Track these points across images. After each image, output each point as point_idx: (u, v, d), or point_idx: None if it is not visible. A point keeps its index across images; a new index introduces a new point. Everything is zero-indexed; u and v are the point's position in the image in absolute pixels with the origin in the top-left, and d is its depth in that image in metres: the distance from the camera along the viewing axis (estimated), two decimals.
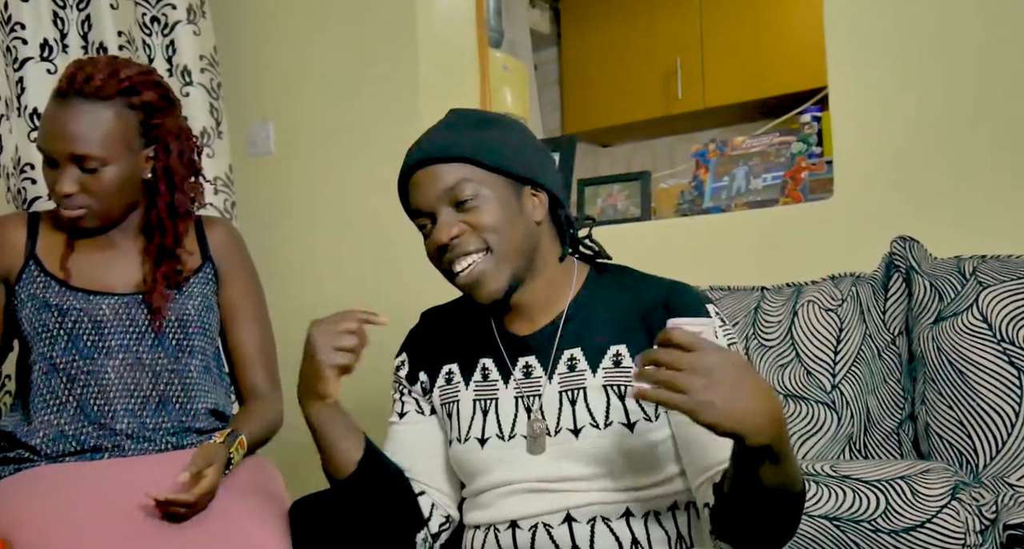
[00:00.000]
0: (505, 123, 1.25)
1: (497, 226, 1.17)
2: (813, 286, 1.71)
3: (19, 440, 1.49)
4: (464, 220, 1.17)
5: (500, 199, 1.18)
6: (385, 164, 2.52)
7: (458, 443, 1.25)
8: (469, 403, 1.26)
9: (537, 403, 1.21)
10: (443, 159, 1.18)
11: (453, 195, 1.17)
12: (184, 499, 1.34)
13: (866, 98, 1.90)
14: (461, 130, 1.21)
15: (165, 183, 1.54)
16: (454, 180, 1.17)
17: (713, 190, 2.19)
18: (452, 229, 1.17)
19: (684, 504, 1.20)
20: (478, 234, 1.17)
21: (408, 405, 1.33)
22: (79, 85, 1.44)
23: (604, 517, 1.16)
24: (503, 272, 1.18)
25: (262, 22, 2.71)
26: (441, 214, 1.18)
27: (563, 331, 1.22)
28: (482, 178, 1.17)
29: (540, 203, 1.22)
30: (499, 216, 1.17)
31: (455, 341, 1.30)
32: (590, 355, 1.20)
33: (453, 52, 2.62)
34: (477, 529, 1.25)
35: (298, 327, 2.58)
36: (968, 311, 1.50)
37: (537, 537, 1.17)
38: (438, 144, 1.19)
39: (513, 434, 1.21)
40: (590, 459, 1.17)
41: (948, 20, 1.82)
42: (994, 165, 1.77)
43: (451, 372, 1.29)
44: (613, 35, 4.13)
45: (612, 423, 1.17)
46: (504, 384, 1.24)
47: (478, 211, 1.17)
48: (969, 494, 1.24)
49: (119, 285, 1.54)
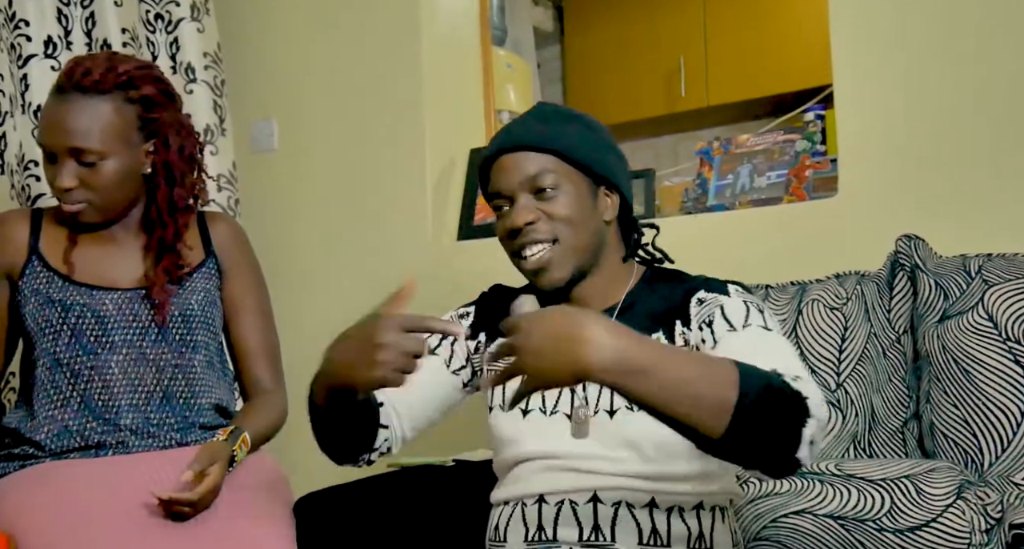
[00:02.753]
0: (590, 122, 1.30)
1: (570, 218, 1.23)
2: (818, 284, 1.71)
3: (24, 436, 1.49)
4: (541, 208, 1.23)
5: (577, 193, 1.24)
6: (388, 161, 2.53)
7: (501, 411, 1.30)
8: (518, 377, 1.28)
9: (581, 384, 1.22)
10: (531, 147, 1.24)
11: (535, 183, 1.23)
12: (188, 498, 1.34)
13: (870, 96, 1.89)
14: (550, 122, 1.26)
15: (164, 177, 1.54)
16: (538, 169, 1.23)
17: (717, 188, 2.18)
18: (529, 215, 1.23)
19: (711, 506, 1.22)
20: (551, 224, 1.23)
21: (443, 350, 1.36)
22: (77, 79, 1.45)
23: (629, 503, 1.19)
24: (568, 263, 1.24)
25: (266, 19, 2.70)
26: (520, 199, 1.24)
27: (615, 319, 1.25)
28: (564, 171, 1.24)
29: (612, 204, 1.28)
30: (573, 209, 1.23)
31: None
32: None
33: (456, 50, 2.62)
34: (505, 505, 1.28)
35: (301, 323, 2.59)
36: (973, 310, 1.50)
37: (562, 512, 1.20)
38: (529, 133, 1.25)
39: (556, 410, 1.25)
40: (622, 441, 1.20)
41: (952, 18, 1.82)
42: (999, 163, 1.77)
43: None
44: (616, 33, 4.12)
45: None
46: None
47: (555, 201, 1.23)
48: (974, 493, 1.24)
49: (122, 280, 1.54)
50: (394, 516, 1.52)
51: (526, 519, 1.23)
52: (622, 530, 1.18)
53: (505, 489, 1.28)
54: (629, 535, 1.18)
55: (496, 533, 1.27)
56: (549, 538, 1.21)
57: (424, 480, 1.71)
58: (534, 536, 1.22)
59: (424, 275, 2.43)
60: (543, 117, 1.29)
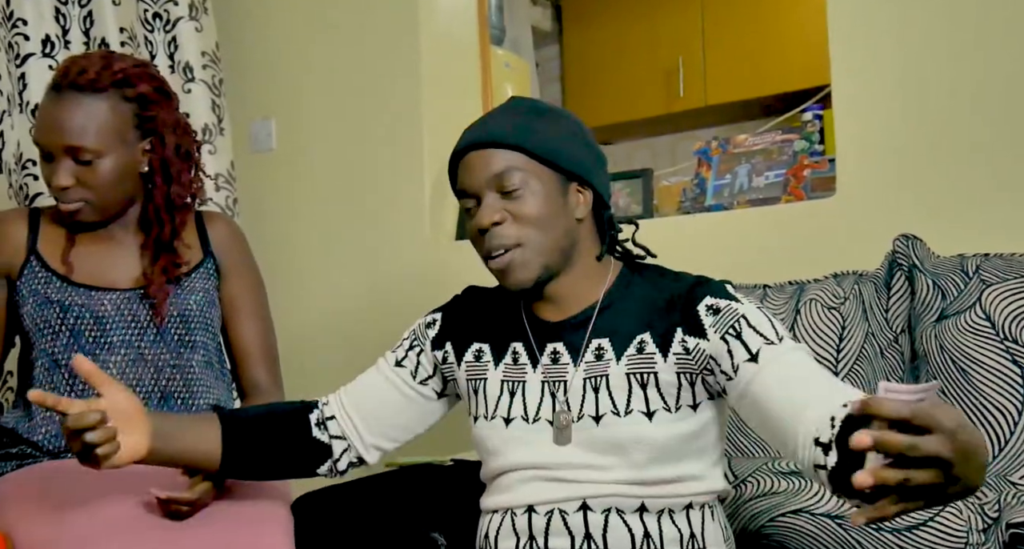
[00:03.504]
0: (562, 116, 1.26)
1: (538, 218, 1.19)
2: (816, 284, 1.71)
3: (21, 436, 1.49)
4: (507, 208, 1.19)
5: (545, 191, 1.20)
6: (386, 161, 2.53)
7: (484, 420, 1.27)
8: (497, 383, 1.27)
9: (562, 389, 1.22)
10: (496, 144, 1.20)
11: (500, 182, 1.19)
12: (186, 497, 1.33)
13: (868, 96, 1.89)
14: (518, 118, 1.22)
15: (161, 176, 1.53)
16: (504, 166, 1.19)
17: (715, 188, 2.18)
18: (495, 215, 1.19)
19: (700, 505, 1.21)
20: (518, 224, 1.19)
21: (409, 362, 1.35)
22: (73, 78, 1.44)
23: (619, 509, 1.17)
24: (535, 264, 1.20)
25: (264, 19, 2.70)
26: (486, 198, 1.20)
27: (595, 322, 1.23)
28: (531, 168, 1.19)
29: (584, 201, 1.23)
30: (541, 209, 1.19)
31: (488, 322, 1.32)
32: (617, 345, 1.21)
33: (455, 49, 2.62)
34: (495, 513, 1.26)
35: (300, 323, 2.59)
36: (971, 309, 1.50)
37: (552, 522, 1.19)
38: (494, 129, 1.21)
39: (538, 418, 1.23)
40: (609, 446, 1.18)
41: (950, 18, 1.82)
42: (997, 163, 1.77)
43: (481, 350, 1.30)
44: (615, 32, 4.12)
45: (632, 411, 1.18)
46: (532, 369, 1.25)
47: (522, 201, 1.19)
48: None
49: (120, 280, 1.54)
50: (392, 516, 1.52)
51: (516, 529, 1.22)
52: (614, 537, 1.17)
53: (493, 498, 1.26)
54: (621, 541, 1.17)
55: (487, 541, 1.26)
56: (541, 548, 1.19)
57: (422, 480, 1.71)
58: (526, 545, 1.20)
59: (422, 275, 2.44)
60: (512, 112, 1.24)
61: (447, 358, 1.33)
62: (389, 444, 1.36)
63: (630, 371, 1.20)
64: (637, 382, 1.19)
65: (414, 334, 1.37)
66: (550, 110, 1.26)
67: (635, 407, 1.18)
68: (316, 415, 1.34)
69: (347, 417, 1.34)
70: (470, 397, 1.31)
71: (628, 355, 1.20)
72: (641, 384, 1.19)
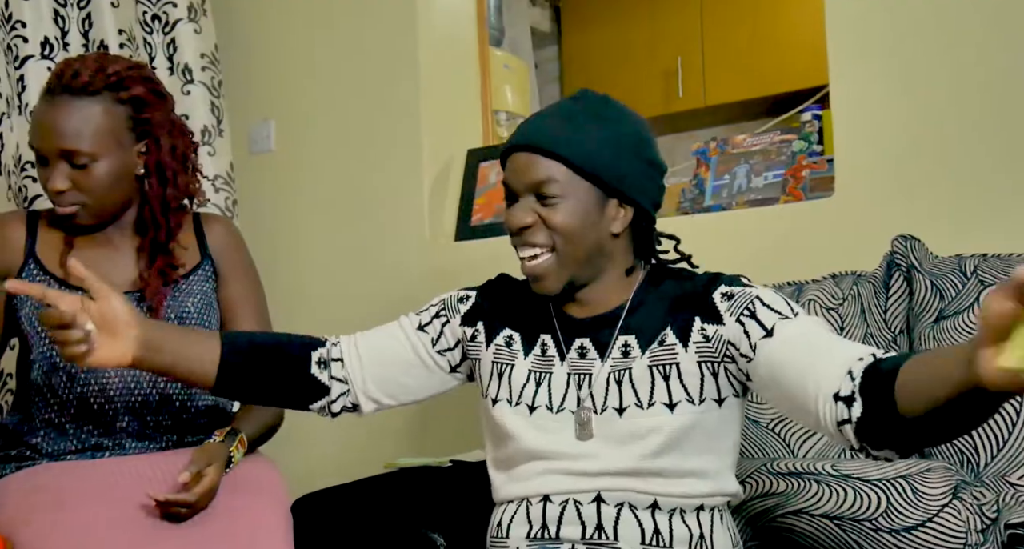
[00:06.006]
0: (621, 123, 1.24)
1: (569, 230, 1.20)
2: (814, 285, 1.71)
3: (20, 438, 1.49)
4: (541, 213, 1.21)
5: (582, 204, 1.20)
6: (385, 162, 2.53)
7: (507, 404, 1.28)
8: (524, 371, 1.29)
9: (587, 382, 1.24)
10: (542, 151, 1.20)
11: (539, 188, 1.20)
12: (184, 499, 1.34)
13: (867, 96, 1.89)
14: (573, 123, 1.22)
15: (157, 178, 1.53)
16: (544, 175, 1.20)
17: (714, 188, 2.19)
18: (526, 218, 1.21)
19: (711, 507, 1.22)
20: (548, 231, 1.20)
21: (432, 330, 1.35)
22: (67, 81, 1.44)
23: (632, 504, 1.19)
24: (563, 274, 1.22)
25: (263, 20, 2.70)
26: (523, 199, 1.22)
27: (623, 320, 1.25)
28: (572, 180, 1.20)
29: (623, 216, 1.24)
30: (574, 221, 1.20)
31: (520, 312, 1.33)
32: (642, 341, 1.23)
33: (454, 50, 2.62)
34: (509, 503, 1.28)
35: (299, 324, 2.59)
36: (969, 310, 1.50)
37: (566, 511, 1.21)
38: (543, 134, 1.22)
39: (562, 408, 1.25)
40: (628, 435, 1.20)
41: (948, 18, 1.82)
42: (995, 163, 1.77)
43: (512, 338, 1.32)
44: (614, 33, 4.12)
45: (655, 403, 1.20)
46: (560, 362, 1.27)
47: (556, 210, 1.20)
48: (970, 493, 1.24)
49: (118, 283, 1.53)
50: (391, 517, 1.53)
51: (530, 517, 1.24)
52: (625, 530, 1.19)
53: (508, 488, 1.28)
54: (632, 535, 1.19)
55: (499, 529, 1.28)
56: (552, 536, 1.21)
57: (422, 481, 1.72)
58: (537, 533, 1.23)
59: (421, 276, 2.44)
60: (569, 115, 1.23)
61: (476, 336, 1.34)
62: (387, 400, 1.36)
63: (653, 363, 1.21)
64: (660, 374, 1.21)
65: (443, 304, 1.37)
66: (611, 115, 1.24)
67: (658, 399, 1.20)
68: (320, 354, 1.34)
69: (356, 364, 1.34)
70: (492, 380, 1.31)
71: (651, 349, 1.22)
72: (664, 376, 1.20)
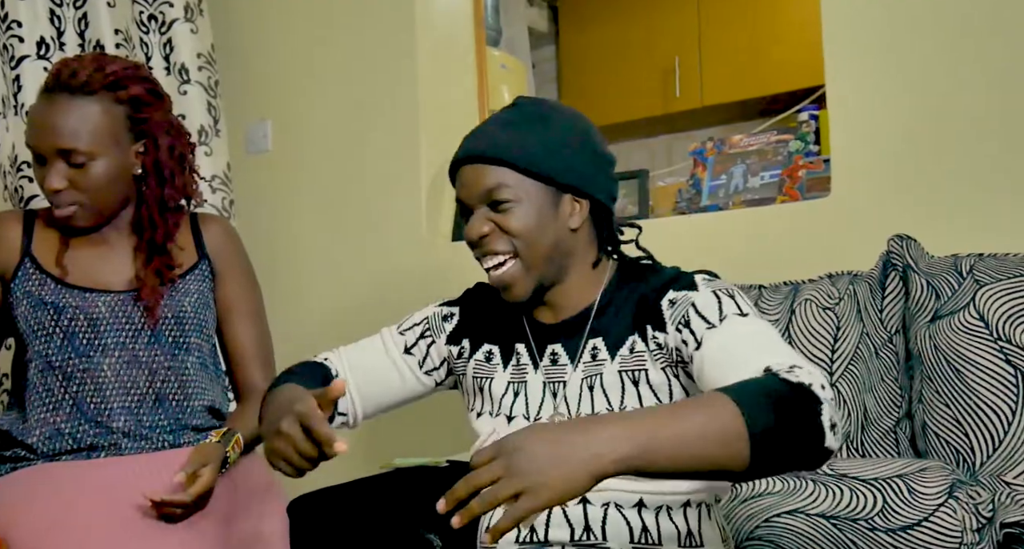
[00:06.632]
0: (563, 121, 1.24)
1: (526, 232, 1.20)
2: (810, 284, 1.71)
3: (15, 438, 1.49)
4: (496, 220, 1.21)
5: (535, 205, 1.20)
6: (383, 162, 2.53)
7: (489, 416, 1.29)
8: (504, 383, 1.29)
9: (562, 389, 1.25)
10: (488, 160, 1.20)
11: (490, 197, 1.20)
12: (180, 499, 1.34)
13: (863, 96, 1.90)
14: (513, 129, 1.22)
15: (155, 178, 1.53)
16: (494, 183, 1.20)
17: (711, 188, 2.19)
18: (483, 228, 1.21)
19: (697, 503, 1.22)
20: (507, 237, 1.20)
21: (418, 351, 1.36)
22: (65, 80, 1.44)
23: (618, 504, 1.19)
24: (530, 277, 1.22)
25: (260, 20, 2.70)
26: (477, 211, 1.22)
27: (591, 324, 1.25)
28: (520, 183, 1.20)
29: (580, 210, 1.23)
30: (530, 222, 1.20)
31: (495, 322, 1.33)
32: (610, 345, 1.23)
33: (451, 50, 2.62)
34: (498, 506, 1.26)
35: (295, 324, 2.58)
36: (965, 309, 1.50)
37: (553, 514, 1.21)
38: (487, 143, 1.22)
39: (539, 417, 1.25)
40: None
41: (945, 18, 1.82)
42: (991, 163, 1.77)
43: (491, 352, 1.32)
44: (611, 33, 4.12)
45: (626, 408, 1.20)
46: (534, 370, 1.28)
47: (510, 215, 1.20)
48: (966, 492, 1.25)
49: (114, 282, 1.54)
50: (388, 517, 1.53)
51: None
52: (612, 529, 1.19)
53: None
54: (620, 534, 1.19)
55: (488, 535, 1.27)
56: (541, 539, 1.21)
57: (418, 481, 1.71)
58: (525, 537, 1.22)
59: (418, 276, 2.44)
60: (507, 123, 1.23)
61: (462, 354, 1.35)
62: (375, 412, 1.38)
63: (623, 369, 1.22)
64: (629, 380, 1.21)
65: (428, 324, 1.37)
66: (549, 116, 1.24)
67: (629, 403, 1.20)
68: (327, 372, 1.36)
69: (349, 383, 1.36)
70: (474, 393, 1.33)
71: (621, 355, 1.22)
72: (633, 381, 1.21)
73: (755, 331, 1.11)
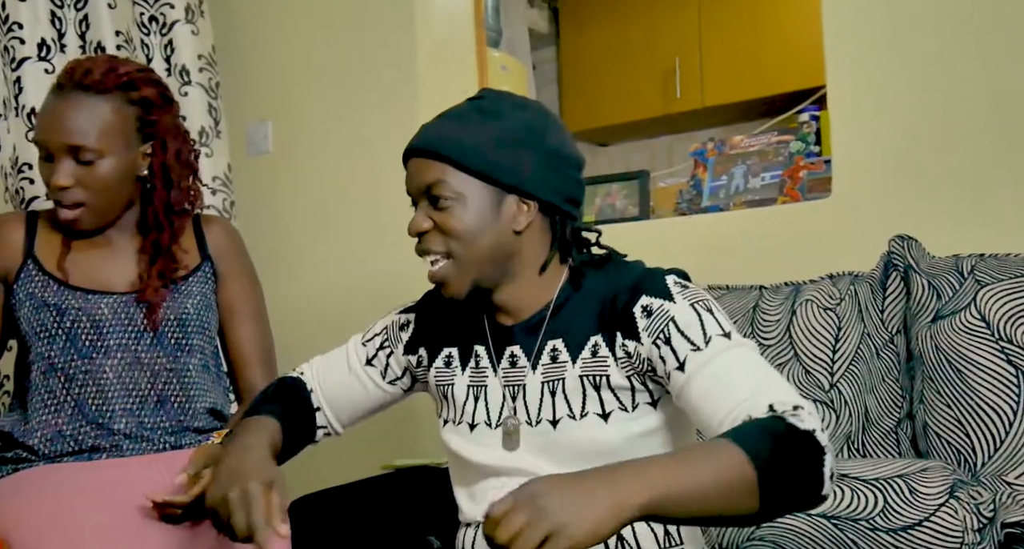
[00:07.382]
0: (517, 118, 1.18)
1: (464, 233, 1.16)
2: (811, 285, 1.71)
3: (17, 440, 1.49)
4: (435, 218, 1.18)
5: (475, 205, 1.16)
6: (383, 163, 2.53)
7: (452, 425, 1.27)
8: (464, 388, 1.27)
9: (521, 393, 1.21)
10: (428, 154, 1.17)
11: (431, 193, 1.17)
12: (181, 501, 1.34)
13: (864, 97, 1.90)
14: (460, 123, 1.18)
15: (162, 180, 1.54)
16: (434, 178, 1.16)
17: (711, 189, 2.19)
18: (423, 224, 1.19)
19: None
20: (443, 237, 1.17)
21: (379, 363, 1.35)
22: (78, 78, 1.45)
23: None
24: (464, 278, 1.18)
25: (261, 21, 2.71)
26: (418, 206, 1.20)
27: (548, 323, 1.21)
28: (460, 181, 1.16)
29: (526, 212, 1.18)
30: (468, 223, 1.16)
31: (455, 325, 1.31)
32: (571, 346, 1.19)
33: (451, 51, 2.62)
34: (468, 526, 1.26)
35: (297, 326, 2.58)
36: (966, 310, 1.50)
37: None
38: (430, 137, 1.18)
39: (500, 422, 1.22)
40: (568, 451, 1.16)
41: (946, 19, 1.82)
42: (992, 164, 1.77)
43: (451, 356, 1.30)
44: (612, 34, 4.13)
45: (588, 414, 1.16)
46: (493, 373, 1.24)
47: (448, 214, 1.16)
48: (967, 492, 1.25)
49: (117, 284, 1.54)
50: (388, 518, 1.53)
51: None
52: None
53: (470, 507, 1.25)
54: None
55: None
56: None
57: (418, 481, 1.72)
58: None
59: (418, 277, 2.44)
60: (458, 117, 1.18)
61: (421, 362, 1.33)
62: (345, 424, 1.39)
63: (584, 373, 1.17)
64: (591, 384, 1.17)
65: (386, 334, 1.36)
66: (501, 110, 1.18)
67: (590, 409, 1.16)
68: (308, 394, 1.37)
69: (320, 397, 1.37)
70: (439, 400, 1.31)
71: (583, 358, 1.18)
72: (595, 385, 1.17)
73: (745, 360, 1.09)
